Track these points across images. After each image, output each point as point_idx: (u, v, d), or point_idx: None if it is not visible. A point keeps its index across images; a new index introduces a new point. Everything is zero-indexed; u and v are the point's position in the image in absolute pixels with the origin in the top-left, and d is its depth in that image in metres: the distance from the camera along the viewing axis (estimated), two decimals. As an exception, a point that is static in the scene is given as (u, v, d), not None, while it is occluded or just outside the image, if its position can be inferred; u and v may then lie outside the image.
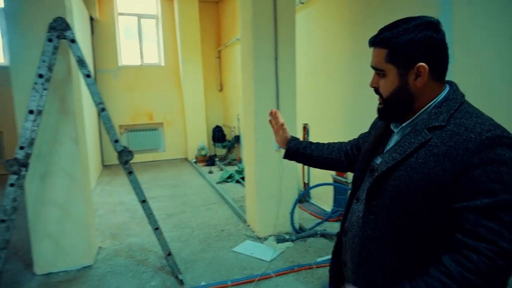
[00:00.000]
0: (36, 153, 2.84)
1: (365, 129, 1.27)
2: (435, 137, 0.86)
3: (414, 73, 0.90)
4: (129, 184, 2.83)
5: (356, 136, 1.33)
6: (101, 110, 2.62)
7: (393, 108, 0.96)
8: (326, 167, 1.33)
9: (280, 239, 3.52)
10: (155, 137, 8.02)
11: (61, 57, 2.81)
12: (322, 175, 4.41)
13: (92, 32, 7.19)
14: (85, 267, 3.11)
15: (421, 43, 0.88)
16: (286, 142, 1.36)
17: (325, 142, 1.38)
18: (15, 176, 2.42)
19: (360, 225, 0.99)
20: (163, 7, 7.78)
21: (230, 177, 6.07)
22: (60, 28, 2.51)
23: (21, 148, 2.41)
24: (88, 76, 2.59)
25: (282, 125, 1.35)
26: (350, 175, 3.92)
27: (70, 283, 2.88)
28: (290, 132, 1.39)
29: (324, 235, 3.65)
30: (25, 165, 2.61)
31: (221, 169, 6.83)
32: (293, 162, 2.17)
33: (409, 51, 0.89)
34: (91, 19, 7.04)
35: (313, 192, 4.78)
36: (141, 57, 7.93)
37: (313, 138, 4.63)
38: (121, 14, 7.66)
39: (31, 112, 2.44)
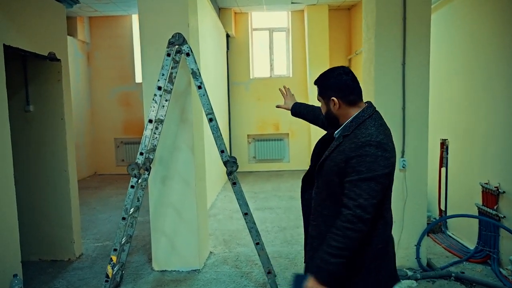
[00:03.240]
0: (158, 158, 3.12)
1: None
2: (345, 140, 1.41)
3: (332, 102, 1.48)
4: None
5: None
6: (209, 120, 2.69)
7: (328, 123, 1.59)
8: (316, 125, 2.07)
9: (400, 275, 2.98)
10: (281, 148, 8.11)
11: (182, 70, 3.02)
12: (464, 203, 3.60)
13: (228, 48, 7.79)
14: (194, 270, 3.24)
15: (333, 85, 1.49)
16: (292, 105, 2.14)
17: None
18: (135, 179, 2.67)
19: (313, 196, 1.55)
20: (293, 19, 7.88)
21: (352, 194, 5.60)
22: (178, 43, 2.69)
23: (141, 154, 2.66)
24: (199, 87, 2.69)
25: (292, 95, 2.19)
26: (501, 208, 3.07)
27: (179, 284, 3.03)
28: (423, 149, 3.04)
29: (461, 279, 2.94)
30: (147, 169, 2.88)
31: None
32: (421, 186, 3.12)
33: (326, 90, 1.52)
34: (227, 36, 7.63)
35: (451, 222, 3.96)
36: (271, 69, 8.18)
37: (455, 156, 3.85)
38: (255, 29, 8.09)
39: (150, 121, 2.67)
